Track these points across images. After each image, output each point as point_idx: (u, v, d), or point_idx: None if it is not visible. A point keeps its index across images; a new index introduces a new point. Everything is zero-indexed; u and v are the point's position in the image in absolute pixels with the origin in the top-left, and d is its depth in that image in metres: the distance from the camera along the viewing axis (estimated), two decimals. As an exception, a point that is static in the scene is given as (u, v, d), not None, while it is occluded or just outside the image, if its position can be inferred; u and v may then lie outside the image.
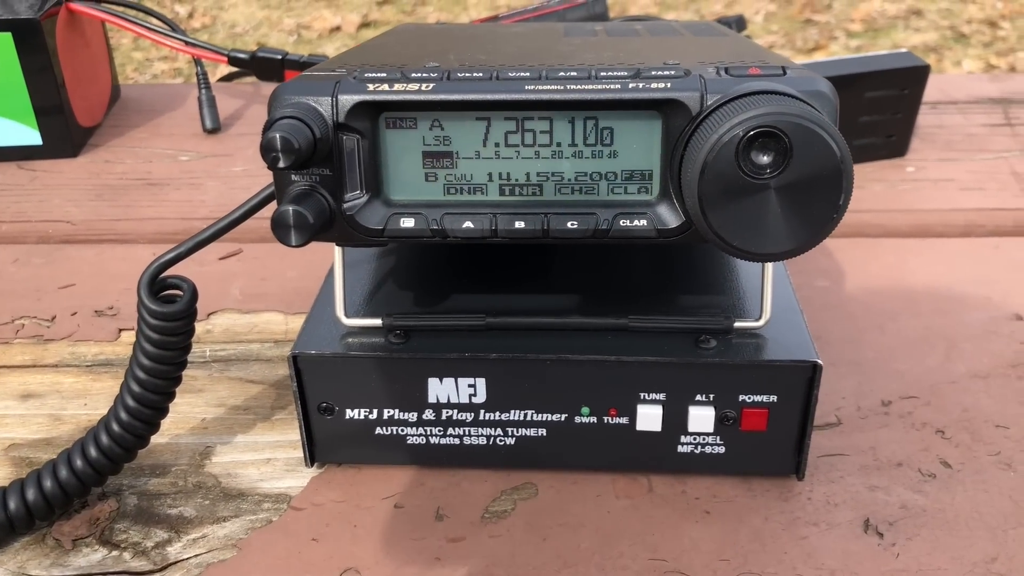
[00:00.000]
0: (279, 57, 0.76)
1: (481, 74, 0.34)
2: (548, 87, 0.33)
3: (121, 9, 0.76)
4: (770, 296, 0.39)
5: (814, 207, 0.31)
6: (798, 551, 0.39)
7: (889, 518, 0.40)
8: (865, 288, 0.57)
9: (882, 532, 0.39)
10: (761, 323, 0.40)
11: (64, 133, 0.72)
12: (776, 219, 0.31)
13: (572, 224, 0.34)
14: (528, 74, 0.34)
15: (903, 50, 0.71)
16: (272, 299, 0.56)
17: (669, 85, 0.33)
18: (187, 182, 0.70)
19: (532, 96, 0.33)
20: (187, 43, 0.76)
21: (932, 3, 2.60)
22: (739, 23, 0.80)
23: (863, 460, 0.43)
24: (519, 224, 0.35)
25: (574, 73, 0.34)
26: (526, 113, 0.34)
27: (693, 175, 0.31)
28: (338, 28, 2.56)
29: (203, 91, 0.78)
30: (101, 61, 0.80)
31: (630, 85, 0.33)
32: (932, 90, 0.82)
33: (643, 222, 0.34)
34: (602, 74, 0.34)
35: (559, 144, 0.34)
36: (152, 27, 0.75)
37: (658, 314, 0.40)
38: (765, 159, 0.31)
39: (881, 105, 0.69)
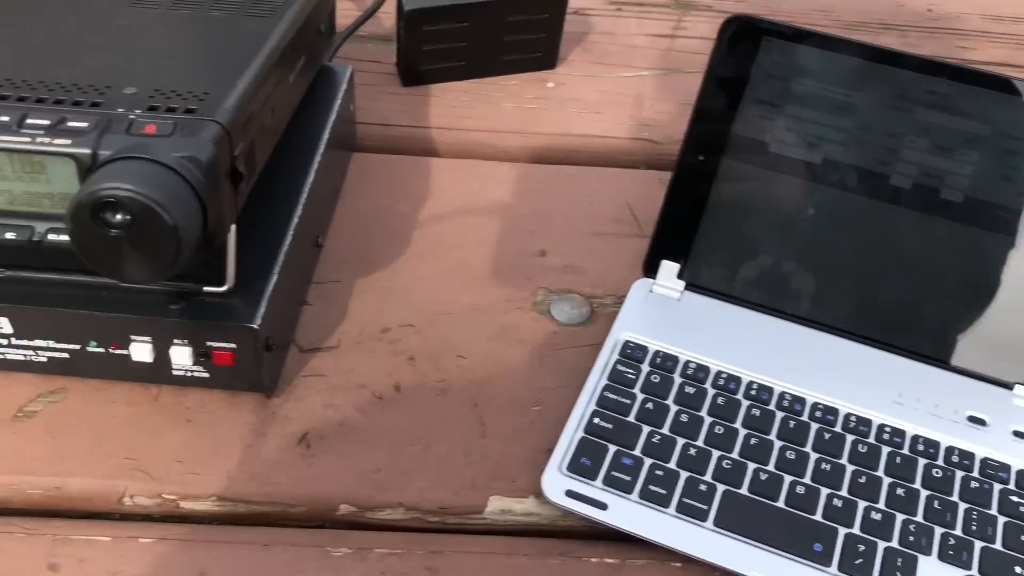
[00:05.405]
0: None
1: None
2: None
3: None
4: (232, 268, 0.51)
5: (156, 254, 0.42)
6: (245, 456, 0.52)
7: (323, 433, 0.54)
8: (436, 214, 0.67)
9: (310, 444, 0.53)
10: (224, 288, 0.51)
11: None
12: (130, 259, 0.42)
13: (10, 235, 0.45)
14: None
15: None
16: None
17: (71, 142, 0.43)
18: None
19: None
20: None
21: None
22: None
23: (335, 381, 0.57)
24: None
25: (6, 118, 0.43)
26: None
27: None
28: None
29: None
30: None
31: (40, 139, 0.43)
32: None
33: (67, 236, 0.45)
34: (27, 121, 0.43)
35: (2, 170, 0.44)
36: None
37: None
38: (116, 218, 0.41)
39: (524, 27, 0.76)
